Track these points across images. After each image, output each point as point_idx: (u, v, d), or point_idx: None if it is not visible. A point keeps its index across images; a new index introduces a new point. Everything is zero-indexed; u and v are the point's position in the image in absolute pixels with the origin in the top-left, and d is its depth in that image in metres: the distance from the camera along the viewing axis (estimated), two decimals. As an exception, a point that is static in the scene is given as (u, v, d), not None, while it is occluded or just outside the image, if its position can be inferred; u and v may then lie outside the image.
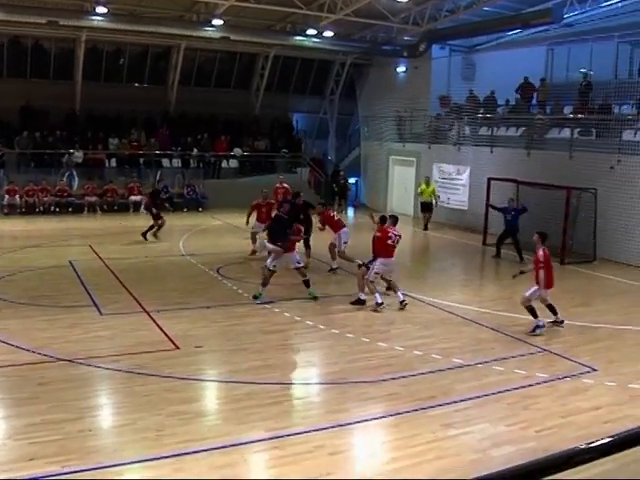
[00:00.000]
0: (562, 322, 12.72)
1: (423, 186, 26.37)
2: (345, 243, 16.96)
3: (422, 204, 26.56)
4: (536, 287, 12.49)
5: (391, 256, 14.30)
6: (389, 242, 14.18)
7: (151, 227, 21.04)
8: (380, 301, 13.80)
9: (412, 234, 26.00)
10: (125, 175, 29.08)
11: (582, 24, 25.04)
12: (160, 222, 21.08)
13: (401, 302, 14.02)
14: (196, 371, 9.94)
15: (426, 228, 25.86)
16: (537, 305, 12.57)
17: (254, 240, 18.80)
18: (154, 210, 21.24)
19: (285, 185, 22.79)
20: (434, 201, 26.10)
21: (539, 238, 13.06)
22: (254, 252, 18.70)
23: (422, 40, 29.10)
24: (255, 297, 14.05)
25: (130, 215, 27.23)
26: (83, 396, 8.81)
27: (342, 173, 32.61)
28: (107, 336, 11.45)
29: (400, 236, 14.59)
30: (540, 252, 12.70)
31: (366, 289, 14.00)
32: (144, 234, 20.79)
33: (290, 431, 7.88)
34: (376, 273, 13.97)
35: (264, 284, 14.04)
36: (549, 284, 12.64)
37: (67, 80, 29.44)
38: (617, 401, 9.15)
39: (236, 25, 28.05)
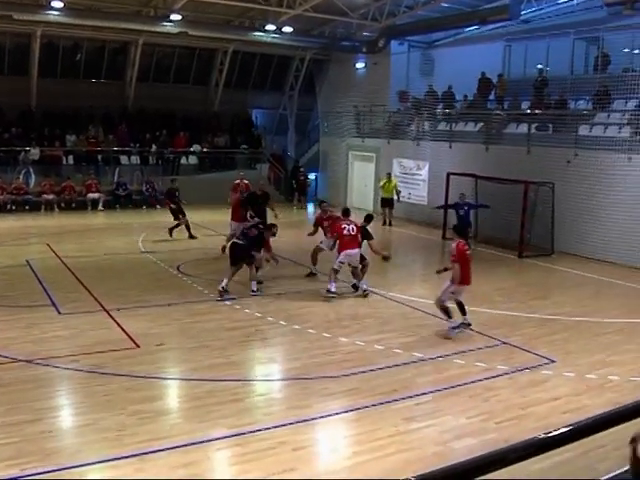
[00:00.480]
0: (469, 325, 12.16)
1: (384, 181, 26.33)
2: (341, 263, 14.67)
3: (382, 200, 26.36)
4: (449, 283, 11.94)
5: (353, 247, 14.37)
6: (345, 233, 14.35)
7: (177, 225, 21.17)
8: (332, 289, 14.12)
9: (373, 229, 26.06)
10: (83, 172, 28.70)
11: (539, 21, 25.38)
12: (182, 220, 21.15)
13: (364, 291, 14.42)
14: (157, 369, 9.86)
15: (389, 224, 25.64)
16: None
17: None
18: (172, 206, 21.46)
19: (245, 181, 22.69)
20: (396, 197, 25.98)
21: (454, 232, 12.86)
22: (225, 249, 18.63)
23: (381, 36, 29.25)
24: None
25: (88, 213, 26.92)
26: (42, 397, 8.68)
27: (302, 169, 32.61)
28: (66, 336, 11.30)
29: (356, 225, 14.64)
30: (453, 245, 12.05)
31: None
32: (170, 230, 20.99)
33: (252, 428, 7.86)
34: (341, 262, 14.27)
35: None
36: (464, 280, 11.89)
37: (22, 76, 28.92)
38: (575, 391, 9.30)
39: (194, 20, 27.82)
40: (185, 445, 7.39)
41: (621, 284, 16.57)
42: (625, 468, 2.28)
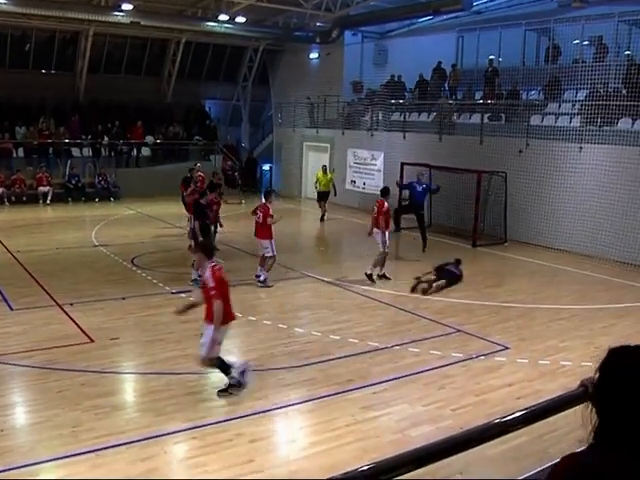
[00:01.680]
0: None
1: (320, 174, 25.82)
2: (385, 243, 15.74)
3: (319, 194, 25.78)
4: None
5: (257, 235, 14.77)
6: (255, 220, 14.72)
7: None
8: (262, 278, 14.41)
9: (327, 219, 26.13)
10: (33, 165, 28.19)
11: (491, 11, 25.62)
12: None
13: (256, 277, 14.60)
14: (112, 364, 9.76)
15: (322, 219, 25.07)
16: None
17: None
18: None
19: (200, 173, 22.55)
20: (333, 190, 25.54)
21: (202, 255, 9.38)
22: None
23: (334, 26, 29.23)
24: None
25: (39, 206, 26.48)
26: (-6, 394, 8.54)
27: (230, 163, 31.98)
28: (18, 332, 11.10)
29: (262, 210, 14.56)
30: (207, 273, 8.90)
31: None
32: None
33: (209, 420, 7.84)
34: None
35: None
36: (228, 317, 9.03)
37: (-32, 67, 28.30)
38: (528, 377, 9.46)
39: (146, 10, 27.44)
40: (142, 440, 7.33)
41: (573, 271, 16.87)
42: (577, 451, 2.32)
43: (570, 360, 10.18)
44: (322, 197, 25.61)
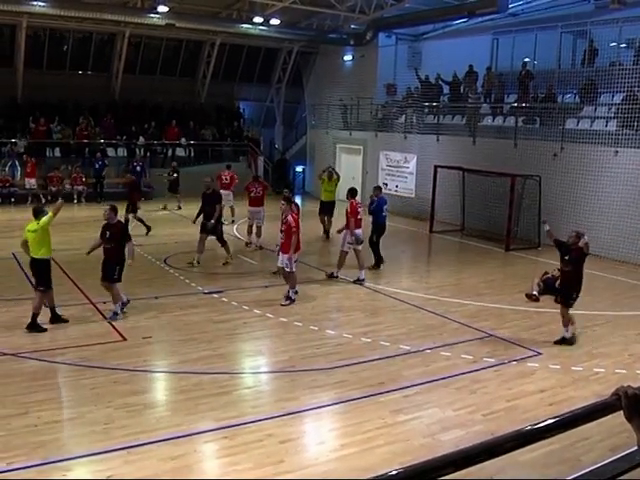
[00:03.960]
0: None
1: (324, 178, 21.76)
2: (350, 244, 15.53)
3: (321, 204, 21.41)
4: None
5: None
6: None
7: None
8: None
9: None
10: (70, 164, 28.51)
11: (527, 14, 25.38)
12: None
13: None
14: (144, 362, 9.85)
15: (328, 236, 20.86)
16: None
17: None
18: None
19: (226, 173, 22.91)
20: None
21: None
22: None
23: (368, 28, 29.21)
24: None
25: (74, 205, 26.76)
26: (28, 391, 8.65)
27: (174, 164, 27.84)
28: (53, 329, 11.26)
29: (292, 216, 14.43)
30: (289, 217, 13.37)
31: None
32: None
33: (240, 420, 7.88)
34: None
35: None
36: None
37: (8, 67, 28.71)
38: (561, 383, 9.37)
39: (181, 12, 27.63)
40: (173, 438, 7.40)
41: (607, 277, 16.65)
42: (609, 460, 2.30)
43: (604, 367, 10.06)
44: (326, 209, 21.22)
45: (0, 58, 28.69)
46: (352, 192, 16.20)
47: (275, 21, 28.68)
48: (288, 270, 13.28)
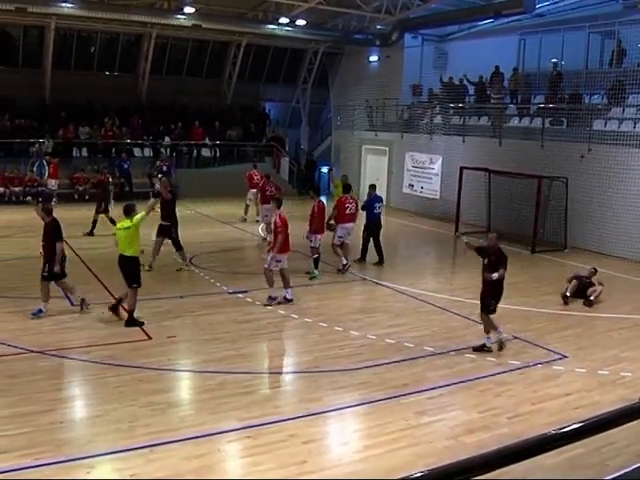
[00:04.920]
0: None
1: (337, 183, 20.97)
2: (340, 237, 16.19)
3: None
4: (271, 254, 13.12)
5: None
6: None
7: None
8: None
9: (384, 223, 26.01)
10: (97, 164, 28.71)
11: (554, 14, 25.16)
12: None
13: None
14: (169, 361, 9.89)
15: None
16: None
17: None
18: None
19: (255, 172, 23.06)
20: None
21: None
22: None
23: (394, 29, 29.15)
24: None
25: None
26: (54, 388, 8.74)
27: (158, 163, 27.79)
28: (78, 327, 11.36)
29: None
30: (276, 217, 13.46)
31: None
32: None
33: (263, 420, 7.88)
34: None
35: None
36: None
37: (36, 68, 29.04)
38: (587, 387, 9.27)
39: (208, 13, 27.79)
40: (196, 437, 7.42)
41: (634, 280, 16.48)
42: (636, 465, 2.27)
43: (630, 371, 9.94)
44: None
45: (29, 59, 29.04)
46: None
47: (301, 22, 28.74)
48: (266, 266, 13.26)
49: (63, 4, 25.03)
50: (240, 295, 13.69)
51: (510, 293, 14.56)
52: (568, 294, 13.93)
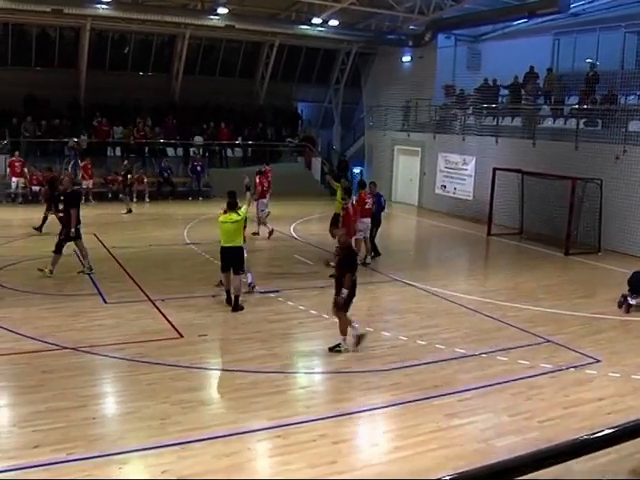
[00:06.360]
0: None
1: (337, 185, 18.59)
2: (361, 232, 16.80)
3: (335, 216, 17.74)
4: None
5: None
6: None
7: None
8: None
9: (416, 224, 26.05)
10: (130, 164, 28.99)
11: (588, 14, 24.89)
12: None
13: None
14: (200, 360, 9.96)
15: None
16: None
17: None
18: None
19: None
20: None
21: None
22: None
23: (427, 29, 29.04)
24: None
25: (133, 204, 27.17)
26: (87, 384, 8.85)
27: (126, 162, 27.17)
28: (111, 324, 11.48)
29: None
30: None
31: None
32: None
33: (293, 420, 7.90)
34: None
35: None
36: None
37: (71, 69, 29.41)
38: (620, 392, 9.15)
39: (241, 14, 27.93)
40: (227, 435, 7.46)
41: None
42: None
43: (666, 376, 9.81)
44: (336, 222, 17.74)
45: (64, 60, 29.38)
46: (361, 184, 18.01)
47: (334, 22, 28.74)
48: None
49: (98, 5, 25.33)
50: (272, 295, 13.73)
51: (543, 295, 14.53)
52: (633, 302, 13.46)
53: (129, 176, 26.01)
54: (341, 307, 10.50)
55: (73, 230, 14.89)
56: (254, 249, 18.22)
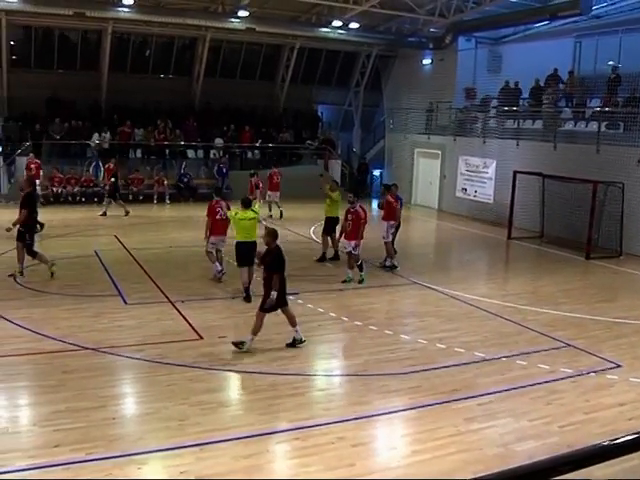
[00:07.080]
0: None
1: (335, 194, 18.26)
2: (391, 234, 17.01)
3: (327, 220, 17.84)
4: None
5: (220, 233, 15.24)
6: (217, 217, 15.21)
7: None
8: (219, 268, 14.95)
9: (436, 227, 25.99)
10: (151, 165, 29.19)
11: (610, 16, 24.73)
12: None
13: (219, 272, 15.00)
14: (220, 361, 9.98)
15: (337, 256, 17.45)
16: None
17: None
18: None
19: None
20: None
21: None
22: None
23: (448, 32, 28.98)
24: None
25: (154, 206, 27.34)
26: (107, 385, 8.91)
27: (112, 161, 25.85)
28: (132, 325, 11.55)
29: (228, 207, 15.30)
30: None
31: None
32: None
33: (312, 422, 7.91)
34: (212, 244, 15.11)
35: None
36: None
37: (93, 71, 29.63)
38: (642, 397, 9.08)
39: (261, 16, 28.04)
40: (245, 437, 7.48)
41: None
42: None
43: (688, 381, 9.71)
44: (331, 226, 17.73)
45: (86, 62, 29.60)
46: (387, 187, 18.16)
47: (354, 25, 28.76)
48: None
49: (120, 9, 25.59)
50: (291, 297, 13.69)
51: (563, 299, 14.44)
52: None
53: (112, 179, 25.10)
54: (268, 309, 10.57)
55: (15, 228, 14.49)
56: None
